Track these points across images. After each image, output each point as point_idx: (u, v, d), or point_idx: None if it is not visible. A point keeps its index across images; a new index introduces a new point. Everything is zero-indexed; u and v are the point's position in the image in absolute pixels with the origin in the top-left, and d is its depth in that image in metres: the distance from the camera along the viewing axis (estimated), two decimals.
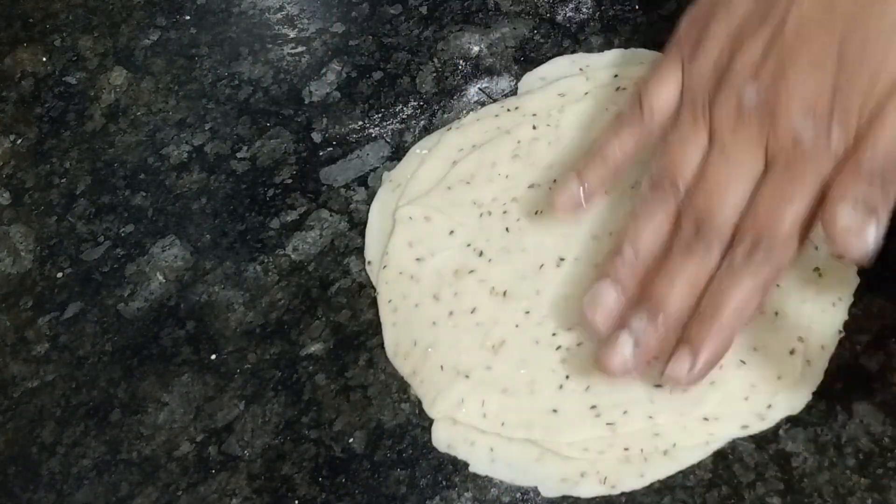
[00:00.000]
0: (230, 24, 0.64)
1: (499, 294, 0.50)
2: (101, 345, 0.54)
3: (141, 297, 0.55)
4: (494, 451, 0.47)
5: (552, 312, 0.49)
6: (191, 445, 0.50)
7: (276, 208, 0.56)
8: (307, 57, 0.62)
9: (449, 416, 0.48)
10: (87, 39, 0.66)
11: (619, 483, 0.45)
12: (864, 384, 0.46)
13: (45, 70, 0.65)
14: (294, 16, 0.64)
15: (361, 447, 0.48)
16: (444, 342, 0.50)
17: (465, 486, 0.47)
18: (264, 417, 0.50)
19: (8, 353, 0.54)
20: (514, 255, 0.51)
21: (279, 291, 0.54)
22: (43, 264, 0.57)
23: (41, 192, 0.60)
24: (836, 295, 0.47)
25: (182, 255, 0.56)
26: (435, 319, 0.50)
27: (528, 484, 0.46)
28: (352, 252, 0.54)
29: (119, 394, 0.52)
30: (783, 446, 0.45)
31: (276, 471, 0.48)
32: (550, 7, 0.61)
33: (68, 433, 0.51)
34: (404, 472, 0.47)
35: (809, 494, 0.44)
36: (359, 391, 0.50)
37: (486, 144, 0.55)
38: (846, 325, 0.47)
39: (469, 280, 0.51)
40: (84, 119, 0.62)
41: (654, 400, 0.46)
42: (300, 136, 0.59)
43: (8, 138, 0.62)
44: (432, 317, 0.50)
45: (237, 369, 0.52)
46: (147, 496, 0.49)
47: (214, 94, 0.61)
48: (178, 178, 0.59)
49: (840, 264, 0.47)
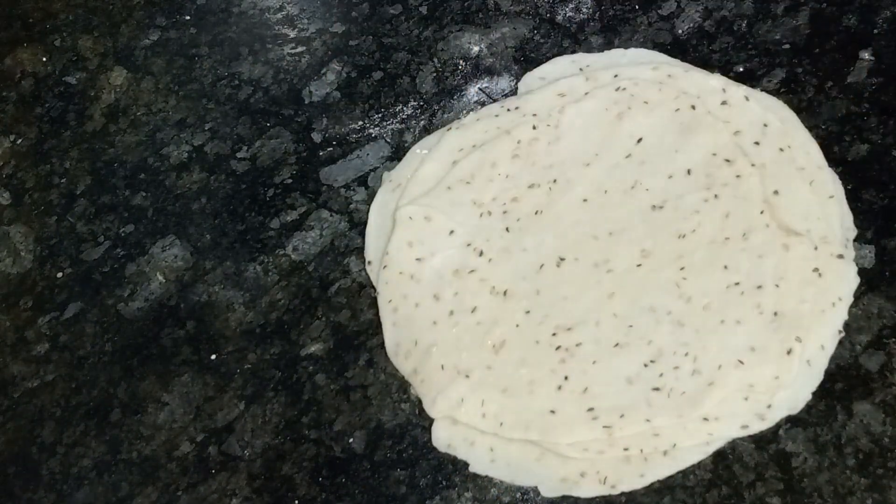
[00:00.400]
0: (230, 24, 0.64)
1: (499, 294, 0.50)
2: (101, 345, 0.54)
3: (141, 297, 0.55)
4: (494, 451, 0.47)
5: (552, 312, 0.49)
6: (191, 445, 0.50)
7: (276, 208, 0.56)
8: (307, 57, 0.62)
9: (449, 415, 0.48)
10: (87, 39, 0.66)
11: (618, 483, 0.45)
12: (864, 384, 0.46)
13: (45, 70, 0.65)
14: (294, 16, 0.64)
15: (361, 447, 0.48)
16: (444, 342, 0.50)
17: (465, 486, 0.47)
18: (264, 417, 0.50)
19: (8, 353, 0.54)
20: (514, 254, 0.51)
21: (279, 291, 0.54)
22: (43, 264, 0.57)
23: (41, 192, 0.60)
24: (836, 295, 0.47)
25: (182, 255, 0.56)
26: (435, 319, 0.50)
27: (528, 484, 0.46)
28: (352, 252, 0.54)
29: (119, 394, 0.52)
30: (783, 446, 0.45)
31: (276, 471, 0.48)
32: (550, 7, 0.61)
33: (68, 433, 0.51)
34: (404, 472, 0.47)
35: (809, 494, 0.44)
36: (359, 391, 0.50)
37: (486, 144, 0.55)
38: (846, 325, 0.47)
39: (469, 280, 0.51)
40: (84, 119, 0.62)
41: (651, 403, 0.46)
42: (300, 136, 0.59)
43: (8, 138, 0.62)
44: (433, 316, 0.50)
45: (237, 369, 0.52)
46: (147, 496, 0.49)
47: (214, 94, 0.61)
48: (178, 178, 0.59)
49: (839, 266, 0.47)
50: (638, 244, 0.50)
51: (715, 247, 0.49)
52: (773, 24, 0.56)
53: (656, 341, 0.47)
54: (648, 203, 0.51)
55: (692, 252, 0.49)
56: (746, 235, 0.49)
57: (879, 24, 0.55)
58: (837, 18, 0.56)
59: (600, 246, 0.50)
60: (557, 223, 0.51)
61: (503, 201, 0.53)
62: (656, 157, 0.52)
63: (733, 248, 0.49)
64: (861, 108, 0.52)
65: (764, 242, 0.49)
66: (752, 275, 0.48)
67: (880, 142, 0.51)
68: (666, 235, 0.50)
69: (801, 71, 0.54)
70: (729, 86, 0.53)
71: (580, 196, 0.52)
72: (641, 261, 0.50)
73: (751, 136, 0.52)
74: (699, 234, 0.50)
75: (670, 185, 0.51)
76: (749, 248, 0.49)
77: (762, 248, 0.48)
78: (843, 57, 0.54)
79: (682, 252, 0.49)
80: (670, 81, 0.54)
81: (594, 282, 0.49)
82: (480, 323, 0.50)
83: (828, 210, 0.49)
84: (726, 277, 0.48)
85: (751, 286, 0.48)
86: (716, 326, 0.47)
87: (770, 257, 0.48)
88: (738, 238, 0.49)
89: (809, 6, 0.56)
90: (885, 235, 0.49)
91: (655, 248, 0.50)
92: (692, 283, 0.48)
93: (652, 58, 0.56)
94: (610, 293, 0.49)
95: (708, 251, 0.49)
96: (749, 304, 0.47)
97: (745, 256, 0.48)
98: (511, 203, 0.53)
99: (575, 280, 0.50)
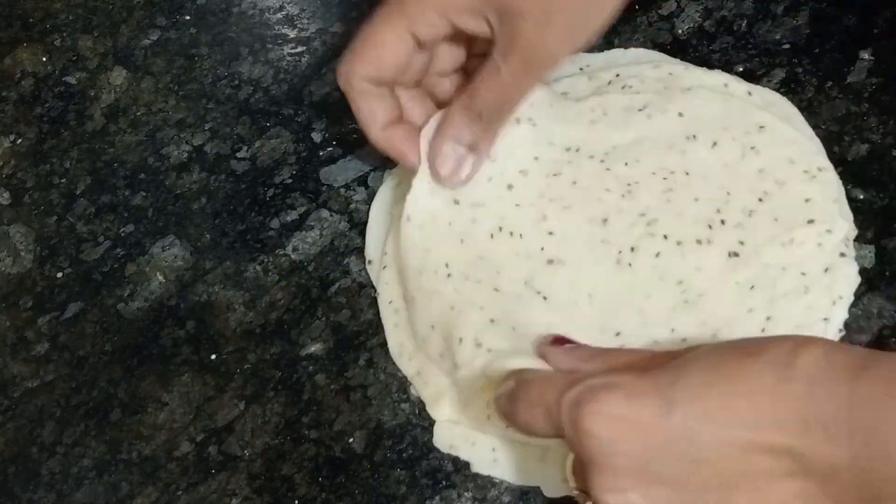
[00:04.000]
0: (230, 24, 0.64)
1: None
2: (101, 345, 0.54)
3: (141, 297, 0.55)
4: (497, 451, 0.47)
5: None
6: (191, 445, 0.50)
7: (276, 208, 0.56)
8: (307, 57, 0.62)
9: (453, 418, 0.48)
10: (87, 39, 0.66)
11: None
12: None
13: (45, 70, 0.65)
14: (294, 16, 0.64)
15: (361, 447, 0.48)
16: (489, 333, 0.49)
17: (466, 486, 0.47)
18: (264, 417, 0.50)
19: (8, 353, 0.54)
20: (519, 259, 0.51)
21: (279, 291, 0.54)
22: (43, 264, 0.57)
23: (41, 192, 0.60)
24: (837, 294, 0.47)
25: (182, 255, 0.56)
26: (435, 321, 0.50)
27: (530, 484, 0.46)
28: (352, 252, 0.54)
29: (119, 394, 0.52)
30: None
31: (276, 471, 0.48)
32: None
33: (68, 433, 0.51)
34: (404, 472, 0.47)
35: None
36: (359, 391, 0.50)
37: None
38: (846, 325, 0.47)
39: (470, 280, 0.51)
40: (84, 119, 0.62)
41: None
42: (300, 136, 0.59)
43: (8, 138, 0.62)
44: (434, 316, 0.50)
45: (237, 369, 0.52)
46: (147, 496, 0.49)
47: (214, 94, 0.61)
48: (178, 178, 0.59)
49: (841, 263, 0.47)
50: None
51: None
52: (773, 24, 0.56)
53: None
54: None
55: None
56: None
57: (879, 24, 0.55)
58: (837, 18, 0.56)
59: (602, 247, 0.50)
60: (552, 225, 0.51)
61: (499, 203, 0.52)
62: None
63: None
64: (861, 108, 0.52)
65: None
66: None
67: (880, 142, 0.51)
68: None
69: (801, 71, 0.54)
70: (731, 81, 0.53)
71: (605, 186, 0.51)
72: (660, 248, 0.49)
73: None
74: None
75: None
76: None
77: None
78: (843, 57, 0.54)
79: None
80: (672, 79, 0.54)
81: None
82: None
83: (829, 207, 0.49)
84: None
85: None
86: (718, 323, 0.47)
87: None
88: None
89: (809, 6, 0.56)
90: (885, 235, 0.49)
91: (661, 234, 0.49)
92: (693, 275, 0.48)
93: (652, 57, 0.56)
94: (648, 295, 0.48)
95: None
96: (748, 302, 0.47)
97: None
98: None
99: (575, 280, 0.50)
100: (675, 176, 0.50)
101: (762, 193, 0.49)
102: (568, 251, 0.49)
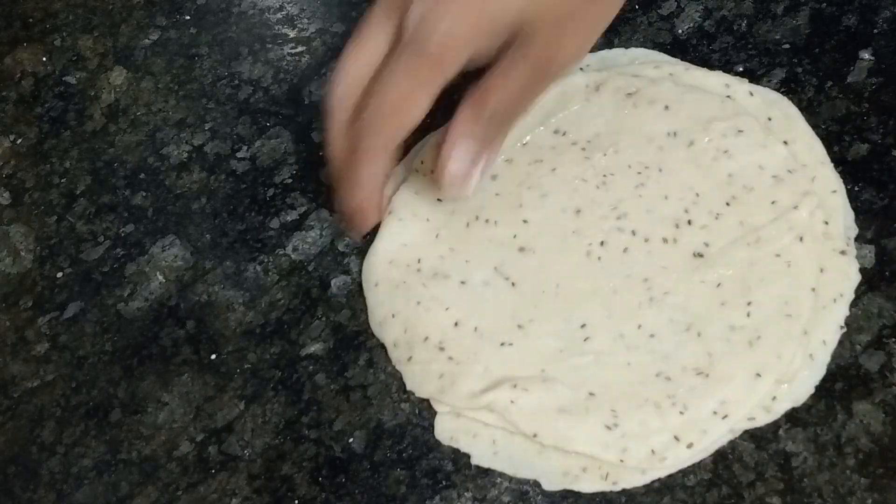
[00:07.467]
0: (230, 24, 0.64)
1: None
2: (101, 345, 0.54)
3: (141, 297, 0.55)
4: (497, 443, 0.47)
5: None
6: (191, 445, 0.50)
7: (276, 208, 0.56)
8: (307, 57, 0.62)
9: (454, 410, 0.48)
10: (87, 39, 0.66)
11: (620, 479, 0.45)
12: (864, 384, 0.46)
13: (45, 70, 0.65)
14: (294, 16, 0.64)
15: (361, 447, 0.48)
16: (452, 340, 0.49)
17: (466, 485, 0.47)
18: (264, 417, 0.50)
19: (8, 353, 0.54)
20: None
21: (279, 291, 0.54)
22: (43, 264, 0.57)
23: (41, 192, 0.60)
24: (838, 291, 0.47)
25: (182, 255, 0.56)
26: (397, 311, 0.50)
27: (529, 477, 0.46)
28: (352, 252, 0.54)
29: (119, 394, 0.52)
30: (783, 446, 0.45)
31: (276, 471, 0.48)
32: None
33: (68, 433, 0.51)
34: (404, 472, 0.47)
35: (809, 494, 0.44)
36: (359, 391, 0.50)
37: None
38: (847, 323, 0.47)
39: (439, 276, 0.51)
40: (84, 119, 0.62)
41: (660, 405, 0.46)
42: (300, 136, 0.59)
43: (8, 138, 0.62)
44: (397, 306, 0.50)
45: (237, 369, 0.52)
46: (147, 496, 0.49)
47: (214, 94, 0.61)
48: (178, 178, 0.59)
49: (841, 262, 0.48)
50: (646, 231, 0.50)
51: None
52: (773, 24, 0.56)
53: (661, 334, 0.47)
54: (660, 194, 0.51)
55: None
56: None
57: (879, 24, 0.55)
58: (837, 18, 0.56)
59: (603, 246, 0.50)
60: (549, 224, 0.51)
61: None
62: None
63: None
64: (861, 108, 0.52)
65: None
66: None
67: (880, 142, 0.51)
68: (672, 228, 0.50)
69: (801, 71, 0.54)
70: (732, 82, 0.53)
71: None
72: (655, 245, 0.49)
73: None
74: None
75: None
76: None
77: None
78: (843, 57, 0.54)
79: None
80: (672, 80, 0.54)
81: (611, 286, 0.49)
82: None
83: (830, 205, 0.49)
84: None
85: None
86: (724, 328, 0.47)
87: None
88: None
89: (809, 6, 0.56)
90: (885, 235, 0.49)
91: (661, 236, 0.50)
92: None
93: (652, 57, 0.56)
94: (614, 290, 0.49)
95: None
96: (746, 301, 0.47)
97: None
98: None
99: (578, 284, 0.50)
100: (650, 171, 0.51)
101: (730, 198, 0.49)
102: (540, 240, 0.50)
